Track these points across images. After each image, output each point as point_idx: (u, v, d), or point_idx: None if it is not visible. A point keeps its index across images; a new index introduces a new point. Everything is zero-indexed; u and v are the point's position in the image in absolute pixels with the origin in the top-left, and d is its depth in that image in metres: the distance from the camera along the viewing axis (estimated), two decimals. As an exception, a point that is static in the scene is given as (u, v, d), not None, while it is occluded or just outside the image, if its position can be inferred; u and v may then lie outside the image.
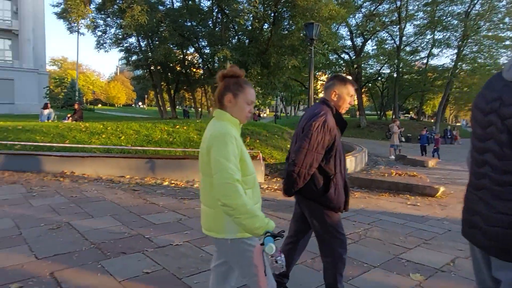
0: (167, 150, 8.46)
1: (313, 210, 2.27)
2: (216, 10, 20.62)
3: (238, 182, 1.47)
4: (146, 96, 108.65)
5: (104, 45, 25.81)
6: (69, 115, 13.92)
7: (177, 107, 32.67)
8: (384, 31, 32.88)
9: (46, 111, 13.84)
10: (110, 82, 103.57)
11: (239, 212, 1.44)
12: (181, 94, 33.39)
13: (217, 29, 20.38)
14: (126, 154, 7.91)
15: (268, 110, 73.24)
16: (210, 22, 20.90)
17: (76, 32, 21.14)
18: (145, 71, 24.34)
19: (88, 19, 16.26)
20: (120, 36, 26.17)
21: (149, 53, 20.94)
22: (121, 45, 26.69)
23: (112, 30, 25.82)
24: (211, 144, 1.57)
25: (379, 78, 38.18)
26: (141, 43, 22.96)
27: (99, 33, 25.13)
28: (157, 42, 20.78)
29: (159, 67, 23.13)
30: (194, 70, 25.24)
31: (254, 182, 1.69)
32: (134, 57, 27.93)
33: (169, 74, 24.82)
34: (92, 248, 3.44)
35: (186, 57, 23.56)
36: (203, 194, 1.72)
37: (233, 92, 1.67)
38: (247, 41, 18.56)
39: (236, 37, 20.40)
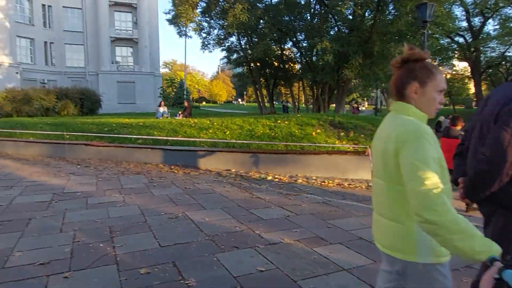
0: (270, 144, 8.52)
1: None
2: (314, 2, 20.18)
3: (443, 193, 1.17)
4: (245, 92, 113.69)
5: (208, 46, 27.55)
6: (179, 112, 15.23)
7: (275, 102, 33.12)
8: (510, 7, 28.02)
9: (161, 109, 15.38)
10: (213, 81, 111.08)
11: (449, 231, 1.12)
12: (277, 89, 33.80)
13: (315, 21, 19.95)
14: (231, 148, 8.20)
15: (366, 103, 69.47)
16: (307, 15, 20.55)
17: (184, 36, 22.97)
18: (245, 68, 25.24)
19: (195, 23, 17.43)
20: (222, 37, 27.65)
21: (249, 51, 21.60)
22: (223, 45, 28.21)
23: (215, 31, 27.45)
24: (401, 145, 1.26)
25: (503, 62, 32.78)
26: (241, 42, 23.83)
27: (204, 35, 26.98)
28: (255, 39, 21.30)
29: (258, 64, 23.77)
30: (292, 65, 25.24)
31: (450, 193, 1.35)
32: (235, 56, 29.31)
33: (267, 70, 25.31)
34: (207, 240, 3.55)
35: (284, 52, 23.67)
36: (382, 204, 1.42)
37: (420, 80, 1.36)
38: (347, 31, 17.72)
39: (336, 27, 19.62)
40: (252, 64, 23.13)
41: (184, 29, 22.28)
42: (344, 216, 4.46)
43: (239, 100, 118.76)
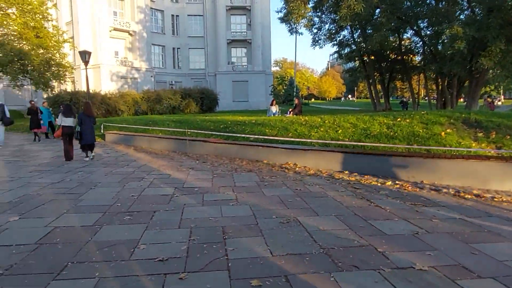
0: (388, 146, 7.67)
1: None
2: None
3: None
4: (355, 88, 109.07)
5: (319, 41, 27.09)
6: (290, 110, 15.19)
7: (390, 98, 30.59)
8: None
9: (273, 108, 15.59)
10: (322, 77, 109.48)
11: None
12: (392, 84, 31.15)
13: (441, 4, 17.53)
14: (345, 149, 7.65)
15: (502, 97, 58.87)
16: (431, -1, 18.23)
17: (295, 33, 22.90)
18: (358, 62, 23.89)
19: (306, 18, 17.08)
20: (333, 31, 26.82)
21: (362, 44, 20.32)
22: (334, 39, 27.34)
23: (326, 26, 26.78)
24: None
25: None
26: (354, 35, 22.60)
27: (315, 31, 26.58)
28: (370, 31, 19.89)
29: (372, 57, 22.24)
30: (411, 56, 22.87)
31: None
32: (347, 50, 28.10)
33: (382, 63, 23.49)
34: (322, 253, 3.21)
35: (402, 42, 21.56)
36: None
37: None
38: (482, 13, 15.04)
39: (468, 10, 16.90)
40: (365, 58, 21.73)
41: (295, 26, 22.23)
42: (493, 240, 3.58)
43: (349, 96, 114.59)
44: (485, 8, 13.29)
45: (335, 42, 27.14)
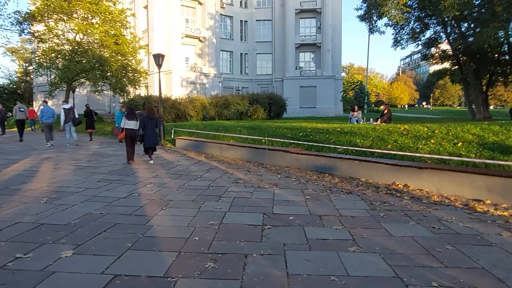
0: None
1: None
2: None
3: None
4: (431, 95, 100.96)
5: (401, 41, 24.60)
6: (377, 117, 13.26)
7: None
8: None
9: (355, 114, 13.81)
10: (393, 83, 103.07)
11: None
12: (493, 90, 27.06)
13: None
14: (481, 169, 5.72)
15: None
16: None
17: (377, 32, 20.78)
18: (450, 64, 20.91)
19: (400, 11, 14.94)
20: (417, 30, 24.11)
21: (460, 41, 17.50)
22: (417, 39, 24.59)
23: (409, 25, 24.19)
24: None
25: None
26: (448, 31, 19.78)
27: (397, 30, 24.14)
28: (472, 25, 17.05)
29: (467, 58, 19.19)
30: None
31: None
32: (432, 50, 25.10)
33: (480, 64, 20.24)
34: None
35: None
36: None
37: None
38: None
39: None
40: (463, 57, 18.78)
41: (376, 24, 20.15)
42: None
43: (424, 103, 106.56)
44: None
45: (419, 42, 24.43)
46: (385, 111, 12.94)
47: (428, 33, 24.37)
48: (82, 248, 3.31)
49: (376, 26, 20.30)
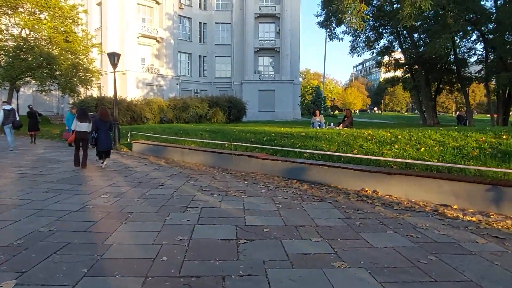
0: (500, 171, 5.80)
1: None
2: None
3: None
4: (382, 101, 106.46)
5: (357, 49, 25.43)
6: (339, 123, 13.42)
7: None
8: None
9: (317, 119, 13.89)
10: (347, 89, 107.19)
11: None
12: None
13: None
14: (448, 175, 5.81)
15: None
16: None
17: (334, 39, 21.29)
18: (405, 71, 21.92)
19: (359, 18, 15.25)
20: (372, 38, 25.09)
21: (412, 50, 18.39)
22: (372, 47, 25.61)
23: (365, 34, 25.10)
24: None
25: None
26: (401, 41, 20.73)
27: (354, 38, 24.94)
28: (423, 36, 17.98)
29: (417, 66, 20.25)
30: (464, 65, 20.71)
31: None
32: (386, 58, 26.24)
33: (430, 73, 21.45)
34: None
35: (458, 49, 19.47)
36: None
37: None
38: None
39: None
40: (414, 67, 19.78)
41: (335, 32, 20.64)
42: None
43: (375, 109, 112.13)
44: None
45: (374, 50, 25.45)
46: (347, 116, 13.15)
47: (382, 42, 25.50)
48: (27, 276, 2.77)
49: (335, 33, 20.81)
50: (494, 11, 15.88)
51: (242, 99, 31.96)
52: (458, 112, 32.06)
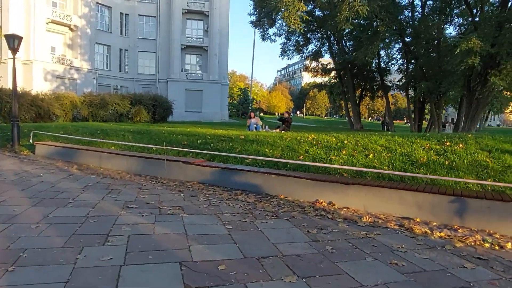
0: (451, 180, 5.63)
1: None
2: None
3: None
4: (304, 105, 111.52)
5: (287, 52, 25.55)
6: (277, 125, 12.85)
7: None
8: None
9: (253, 121, 13.15)
10: (272, 92, 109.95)
11: None
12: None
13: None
14: (410, 185, 5.41)
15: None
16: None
17: (269, 40, 20.97)
18: (332, 77, 22.53)
19: (297, 17, 14.88)
20: (301, 43, 25.46)
21: (341, 56, 18.87)
22: (301, 51, 26.00)
23: (294, 38, 25.35)
24: None
25: None
26: (332, 46, 21.23)
27: (285, 40, 24.99)
28: (350, 43, 18.54)
29: (344, 72, 20.95)
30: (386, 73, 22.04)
31: None
32: (314, 63, 26.86)
33: (355, 79, 22.39)
34: None
35: (382, 58, 20.56)
36: None
37: None
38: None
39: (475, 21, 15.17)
40: (342, 73, 20.39)
41: (268, 32, 20.30)
42: None
43: (297, 112, 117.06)
44: (495, 22, 12.13)
45: (303, 54, 25.84)
46: (286, 119, 12.64)
47: (311, 47, 26.04)
48: None
49: (268, 33, 20.47)
50: (411, 23, 17.00)
51: (168, 98, 30.01)
52: (381, 118, 34.30)
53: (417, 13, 16.32)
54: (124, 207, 5.01)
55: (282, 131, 11.87)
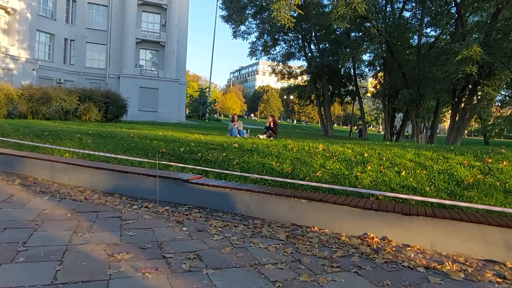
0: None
1: None
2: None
3: None
4: (258, 108, 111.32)
5: (256, 52, 24.37)
6: (264, 131, 11.36)
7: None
8: None
9: (235, 125, 11.57)
10: (226, 94, 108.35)
11: None
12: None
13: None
14: (499, 219, 4.27)
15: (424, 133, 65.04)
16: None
17: (240, 37, 19.53)
18: (304, 81, 21.65)
19: (287, 11, 13.47)
20: (269, 43, 24.43)
21: (317, 59, 17.99)
22: (269, 52, 24.96)
23: (264, 38, 24.23)
24: None
25: None
26: (306, 49, 20.32)
27: (254, 39, 23.75)
28: (327, 46, 17.75)
29: (316, 76, 20.16)
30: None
31: None
32: (280, 68, 25.92)
33: (331, 84, 21.73)
34: None
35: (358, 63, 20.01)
36: None
37: None
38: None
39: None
40: (316, 76, 19.56)
41: (239, 29, 18.88)
42: None
43: (252, 115, 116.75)
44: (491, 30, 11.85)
45: (272, 55, 24.78)
46: (272, 123, 11.25)
47: (278, 49, 25.03)
48: None
49: (240, 30, 19.05)
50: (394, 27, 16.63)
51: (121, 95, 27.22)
52: (360, 126, 33.86)
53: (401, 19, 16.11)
54: (108, 258, 3.29)
55: (270, 138, 10.51)
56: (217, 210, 5.22)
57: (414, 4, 16.15)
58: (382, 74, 18.46)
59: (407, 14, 16.88)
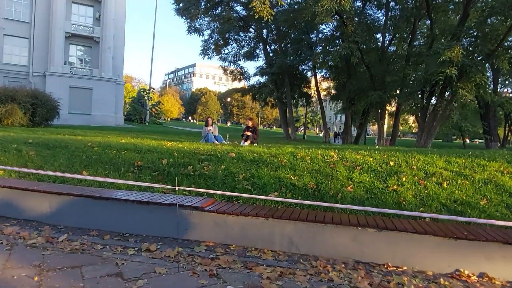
0: None
1: None
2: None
3: None
4: (196, 110, 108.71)
5: (208, 51, 22.94)
6: (246, 138, 9.91)
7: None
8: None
9: (210, 129, 10.01)
10: (164, 96, 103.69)
11: None
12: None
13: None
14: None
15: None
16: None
17: (195, 33, 17.96)
18: (265, 80, 20.69)
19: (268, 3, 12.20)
20: (220, 42, 23.21)
21: (278, 59, 17.16)
22: (220, 52, 23.72)
23: (214, 36, 22.93)
24: None
25: None
26: (267, 48, 19.38)
27: (206, 37, 22.30)
28: (289, 46, 17.03)
29: (278, 77, 19.37)
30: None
31: None
32: (232, 67, 24.79)
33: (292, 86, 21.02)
34: None
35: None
36: None
37: None
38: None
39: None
40: (277, 78, 18.68)
41: (195, 23, 17.32)
42: None
43: (190, 118, 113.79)
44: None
45: (223, 54, 23.51)
46: (253, 128, 9.94)
47: (229, 48, 23.87)
48: None
49: (195, 25, 17.47)
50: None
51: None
52: (335, 131, 33.45)
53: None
54: None
55: (251, 143, 9.27)
56: (248, 248, 3.87)
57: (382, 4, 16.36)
58: (345, 76, 18.31)
59: (379, 14, 17.08)
